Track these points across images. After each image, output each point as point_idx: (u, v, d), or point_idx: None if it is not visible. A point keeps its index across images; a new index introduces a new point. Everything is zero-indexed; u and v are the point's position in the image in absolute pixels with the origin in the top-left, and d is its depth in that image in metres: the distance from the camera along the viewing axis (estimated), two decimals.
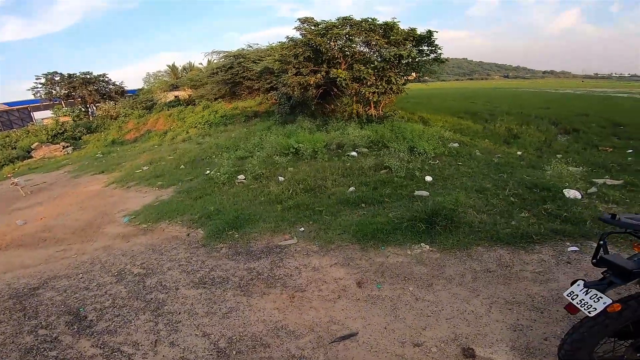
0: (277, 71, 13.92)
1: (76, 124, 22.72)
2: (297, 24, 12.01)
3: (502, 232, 3.96)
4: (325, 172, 6.92)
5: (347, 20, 11.39)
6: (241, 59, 19.67)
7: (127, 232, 5.64)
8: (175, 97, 26.14)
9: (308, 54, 11.57)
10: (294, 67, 11.87)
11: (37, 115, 31.90)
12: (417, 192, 5.49)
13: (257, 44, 22.15)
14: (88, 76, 26.36)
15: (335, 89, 12.24)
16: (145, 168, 10.55)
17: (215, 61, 24.19)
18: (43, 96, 26.06)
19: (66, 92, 25.84)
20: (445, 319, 2.79)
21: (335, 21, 11.45)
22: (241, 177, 7.55)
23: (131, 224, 5.99)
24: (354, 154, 8.10)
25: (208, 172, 8.46)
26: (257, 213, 5.44)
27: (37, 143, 19.11)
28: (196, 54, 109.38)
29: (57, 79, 25.78)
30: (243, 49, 21.67)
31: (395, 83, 10.73)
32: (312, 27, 11.64)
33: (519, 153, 7.79)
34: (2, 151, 18.80)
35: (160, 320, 3.19)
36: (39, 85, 25.46)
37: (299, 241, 4.43)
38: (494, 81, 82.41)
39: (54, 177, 12.08)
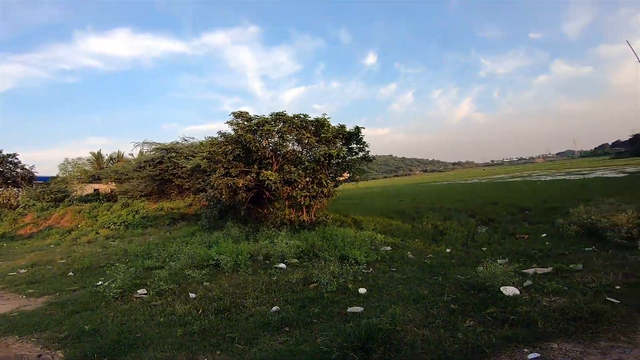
0: (209, 170, 12.85)
1: None
2: (231, 117, 11.49)
3: (449, 349, 3.37)
4: (246, 288, 6.03)
5: (280, 116, 11.11)
6: (173, 154, 18.23)
7: None
8: (95, 190, 23.49)
9: (238, 152, 10.87)
10: (222, 167, 11.01)
11: None
12: (350, 309, 4.78)
13: (193, 138, 21.10)
14: None
15: (267, 193, 11.51)
16: (22, 271, 9.10)
17: (147, 152, 22.46)
18: None
19: None
20: None
21: (269, 117, 11.12)
22: (142, 291, 6.36)
23: None
24: (282, 266, 7.37)
25: (100, 282, 7.20)
26: (149, 337, 4.32)
27: None
28: (127, 143, 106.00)
29: None
30: (177, 142, 20.00)
31: (326, 186, 10.47)
32: (245, 123, 11.11)
33: (448, 250, 7.70)
34: None
35: None
36: None
37: None
38: (416, 176, 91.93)
39: None
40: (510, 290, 4.28)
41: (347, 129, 11.48)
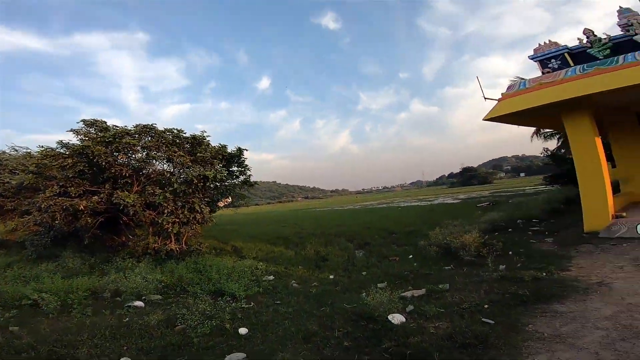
0: (41, 187, 10.04)
1: None
2: (80, 125, 9.28)
3: None
4: (80, 334, 4.49)
5: (147, 129, 9.37)
6: None
7: None
8: None
9: (82, 167, 8.54)
10: (57, 185, 8.41)
11: None
12: (229, 358, 3.85)
13: (27, 149, 16.43)
14: None
15: (126, 218, 9.38)
16: None
17: None
18: None
19: None
20: None
21: (132, 128, 9.28)
22: None
23: None
24: (139, 304, 5.88)
25: None
26: None
27: None
28: None
29: None
30: (4, 151, 15.76)
31: (200, 211, 9.14)
32: (99, 133, 8.98)
33: (332, 277, 7.44)
34: None
35: None
36: None
37: None
38: (298, 202, 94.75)
39: None
40: (397, 319, 4.11)
41: (228, 150, 10.50)
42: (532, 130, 20.16)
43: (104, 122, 9.60)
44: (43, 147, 9.42)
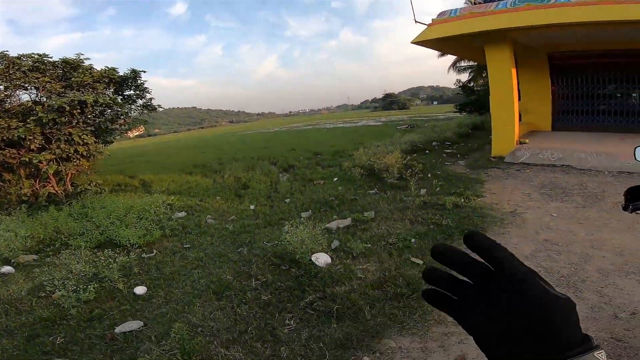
0: None
1: None
2: None
3: None
4: None
5: None
6: None
7: None
8: None
9: None
10: None
11: None
12: (120, 328, 3.07)
13: None
14: None
15: None
16: None
17: None
18: None
19: None
20: None
21: None
22: None
23: None
24: (8, 269, 4.55)
25: None
26: None
27: None
28: None
29: None
30: None
31: (82, 143, 7.27)
32: None
33: (252, 207, 6.74)
34: None
35: None
36: None
37: None
38: (222, 127, 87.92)
39: None
40: (322, 260, 3.64)
41: (119, 73, 8.69)
42: (449, 63, 21.23)
43: None
44: None
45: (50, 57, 7.87)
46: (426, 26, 8.95)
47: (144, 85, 9.17)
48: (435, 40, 8.81)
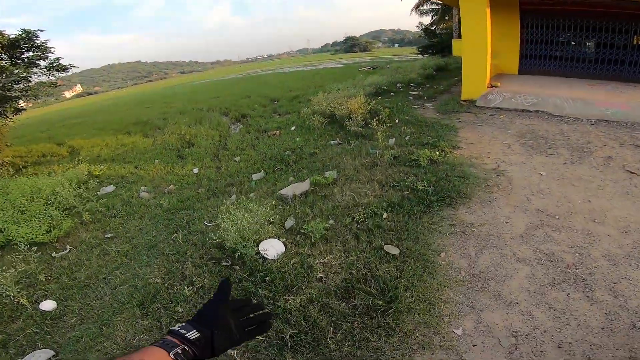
0: None
1: None
2: None
3: None
4: None
5: None
6: None
7: None
8: None
9: None
10: None
11: None
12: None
13: None
14: None
15: None
16: None
17: None
18: None
19: None
20: None
21: None
22: None
23: None
24: None
25: None
26: None
27: None
28: None
29: None
30: None
31: None
32: None
33: (195, 171, 5.63)
34: None
35: None
36: None
37: None
38: (173, 79, 79.26)
39: None
40: (273, 250, 2.75)
41: (8, 35, 7.45)
42: (411, 7, 21.13)
43: None
44: None
45: None
46: None
47: (46, 45, 8.07)
48: None
